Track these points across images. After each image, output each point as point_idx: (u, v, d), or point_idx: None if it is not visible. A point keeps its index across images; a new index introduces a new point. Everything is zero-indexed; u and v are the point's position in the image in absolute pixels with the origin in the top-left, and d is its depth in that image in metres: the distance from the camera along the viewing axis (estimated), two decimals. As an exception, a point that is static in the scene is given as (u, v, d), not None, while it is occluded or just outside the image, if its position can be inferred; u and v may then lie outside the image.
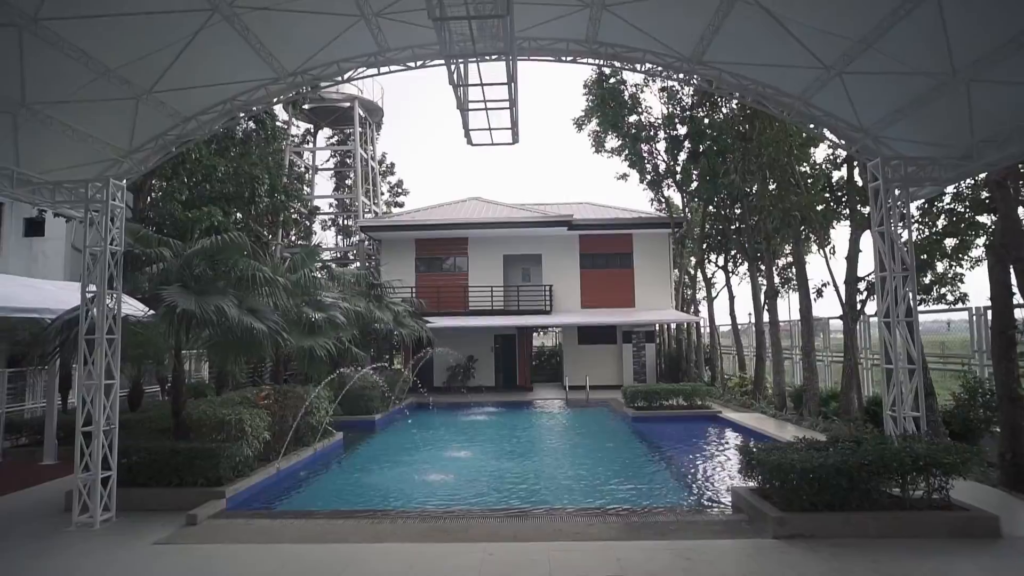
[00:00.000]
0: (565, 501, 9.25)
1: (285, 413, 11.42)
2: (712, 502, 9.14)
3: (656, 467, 11.74)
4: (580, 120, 26.18)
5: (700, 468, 11.57)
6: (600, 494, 9.65)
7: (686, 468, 11.59)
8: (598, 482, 10.41)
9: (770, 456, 7.51)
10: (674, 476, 10.93)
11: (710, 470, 11.41)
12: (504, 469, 11.52)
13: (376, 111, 32.34)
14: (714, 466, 11.82)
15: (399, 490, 10.19)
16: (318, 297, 13.65)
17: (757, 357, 18.74)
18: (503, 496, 9.62)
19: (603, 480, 10.53)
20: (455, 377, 26.42)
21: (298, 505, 9.43)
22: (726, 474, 11.08)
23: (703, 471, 11.28)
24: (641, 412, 17.43)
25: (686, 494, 9.68)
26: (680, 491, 9.89)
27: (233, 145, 22.90)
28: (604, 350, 27.00)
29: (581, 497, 9.49)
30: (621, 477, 10.79)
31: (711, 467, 11.73)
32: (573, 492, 9.79)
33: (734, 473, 11.06)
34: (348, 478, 11.36)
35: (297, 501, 9.66)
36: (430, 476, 11.03)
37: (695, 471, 11.29)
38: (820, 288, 15.46)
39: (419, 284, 26.70)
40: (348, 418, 16.48)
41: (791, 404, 16.08)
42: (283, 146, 26.84)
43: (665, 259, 26.95)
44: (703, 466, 11.76)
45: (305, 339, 12.41)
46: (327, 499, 10.01)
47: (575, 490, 9.92)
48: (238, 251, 10.04)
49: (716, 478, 10.72)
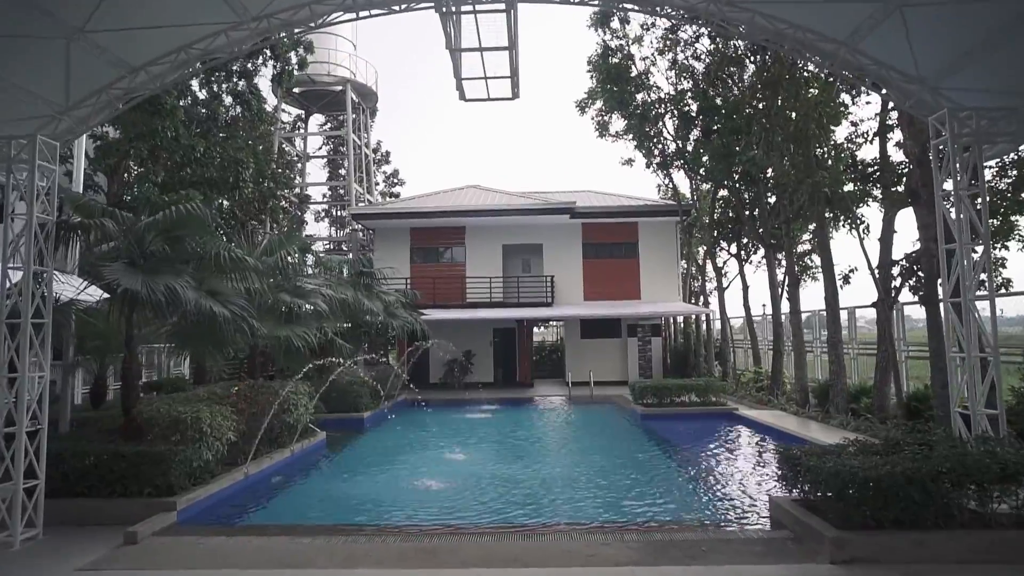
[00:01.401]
0: (573, 514, 7.99)
1: (257, 410, 10.15)
2: (745, 515, 7.88)
3: (674, 472, 10.49)
4: (583, 102, 24.85)
5: (725, 473, 10.31)
6: (613, 505, 8.40)
7: (708, 473, 10.34)
8: (610, 490, 9.15)
9: (823, 462, 6.25)
10: (696, 482, 9.68)
11: (737, 475, 10.15)
12: (502, 474, 10.27)
13: (370, 96, 30.98)
14: (740, 471, 10.56)
15: (382, 498, 8.94)
16: (297, 283, 12.38)
17: (775, 350, 17.48)
18: (501, 508, 8.36)
19: (616, 488, 9.27)
20: (452, 373, 25.15)
21: (266, 517, 8.18)
22: (755, 480, 9.83)
23: (729, 477, 10.02)
24: (651, 409, 16.18)
25: (713, 505, 8.42)
26: (705, 501, 8.62)
27: (217, 128, 21.61)
28: (608, 344, 25.73)
29: (592, 509, 8.23)
30: (636, 484, 9.54)
31: (737, 472, 10.46)
32: (582, 502, 8.53)
33: (764, 479, 9.83)
34: (327, 484, 10.10)
35: (265, 512, 8.40)
36: (419, 482, 9.77)
37: (719, 477, 10.03)
38: (847, 274, 14.18)
39: (414, 275, 25.40)
40: (334, 416, 15.22)
41: (814, 400, 14.83)
42: (271, 130, 25.52)
43: (672, 248, 25.67)
44: (728, 471, 10.50)
45: (281, 328, 11.14)
46: (300, 509, 8.76)
47: (584, 500, 8.66)
48: (199, 225, 8.77)
49: (745, 485, 9.46)
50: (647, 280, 25.49)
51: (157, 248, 8.70)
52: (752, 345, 20.41)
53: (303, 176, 32.63)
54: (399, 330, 17.31)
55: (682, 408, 16.21)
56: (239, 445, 9.75)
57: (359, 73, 29.37)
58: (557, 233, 25.72)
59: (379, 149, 38.26)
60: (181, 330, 9.56)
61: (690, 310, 24.64)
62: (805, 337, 16.82)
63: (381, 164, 38.40)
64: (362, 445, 13.47)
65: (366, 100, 31.27)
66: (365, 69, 29.93)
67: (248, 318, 9.00)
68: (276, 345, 11.53)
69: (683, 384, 16.57)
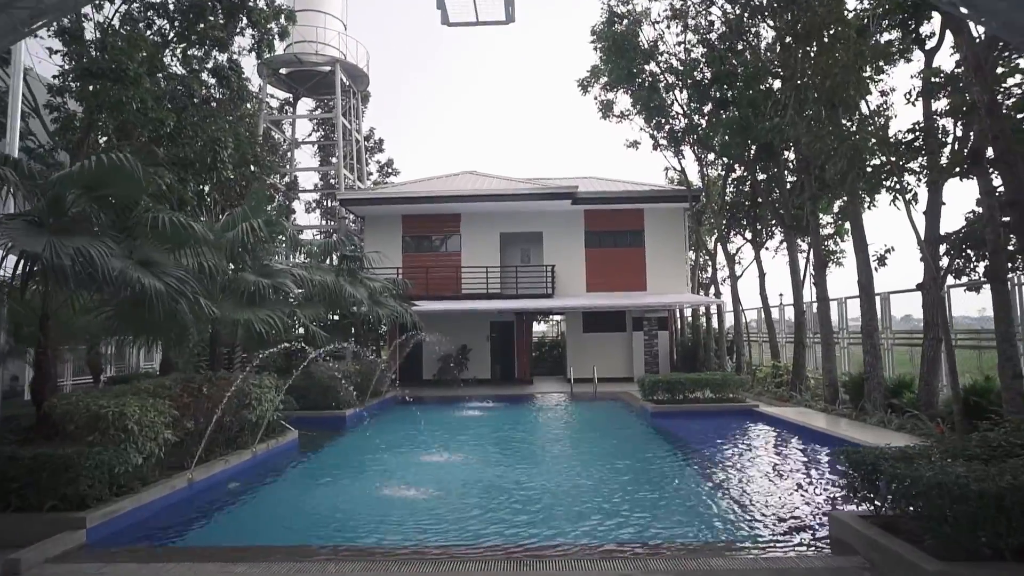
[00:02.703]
0: (581, 532, 6.50)
1: (209, 405, 8.65)
2: (794, 533, 6.38)
3: (697, 478, 8.98)
4: (586, 81, 23.42)
5: (759, 481, 8.79)
6: (630, 521, 6.91)
7: (739, 481, 8.83)
8: (624, 502, 7.66)
9: (915, 470, 4.76)
10: (725, 492, 8.17)
11: (774, 484, 8.62)
12: (497, 483, 8.78)
13: (361, 78, 29.43)
14: (778, 478, 9.05)
15: (353, 511, 7.44)
16: (264, 263, 10.88)
17: (796, 342, 15.98)
18: (495, 524, 6.88)
19: (631, 499, 7.78)
20: (446, 369, 23.65)
21: (207, 535, 6.68)
22: (796, 490, 8.34)
23: (765, 485, 8.49)
24: (662, 406, 14.70)
25: (752, 521, 6.92)
26: (742, 516, 7.12)
27: (193, 105, 20.09)
28: (612, 339, 24.25)
29: (604, 526, 6.73)
30: (655, 494, 8.04)
31: (773, 479, 8.94)
32: (592, 518, 7.04)
33: (807, 488, 8.36)
34: (290, 492, 8.61)
35: (208, 529, 6.91)
36: (400, 492, 8.28)
37: (753, 485, 8.50)
38: (883, 254, 12.67)
39: (406, 265, 23.89)
40: (312, 414, 13.76)
41: (845, 396, 13.34)
42: (254, 110, 23.99)
43: (680, 237, 24.17)
44: (762, 478, 8.97)
45: (241, 311, 9.64)
46: (253, 524, 7.27)
47: (595, 515, 7.17)
48: (129, 183, 7.28)
49: (786, 496, 7.95)
50: (653, 270, 24.00)
51: (82, 210, 7.23)
52: (770, 337, 18.90)
53: (291, 163, 31.12)
54: (387, 321, 15.80)
55: (696, 405, 14.74)
56: (186, 446, 8.29)
57: (349, 53, 27.85)
58: (558, 221, 24.24)
59: (372, 137, 36.70)
60: (122, 312, 8.11)
61: (701, 301, 23.15)
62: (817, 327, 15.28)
63: (374, 152, 36.84)
64: (340, 446, 11.97)
65: (357, 83, 29.74)
66: (356, 49, 28.45)
67: (192, 295, 7.50)
68: (240, 331, 10.05)
69: (698, 379, 15.07)
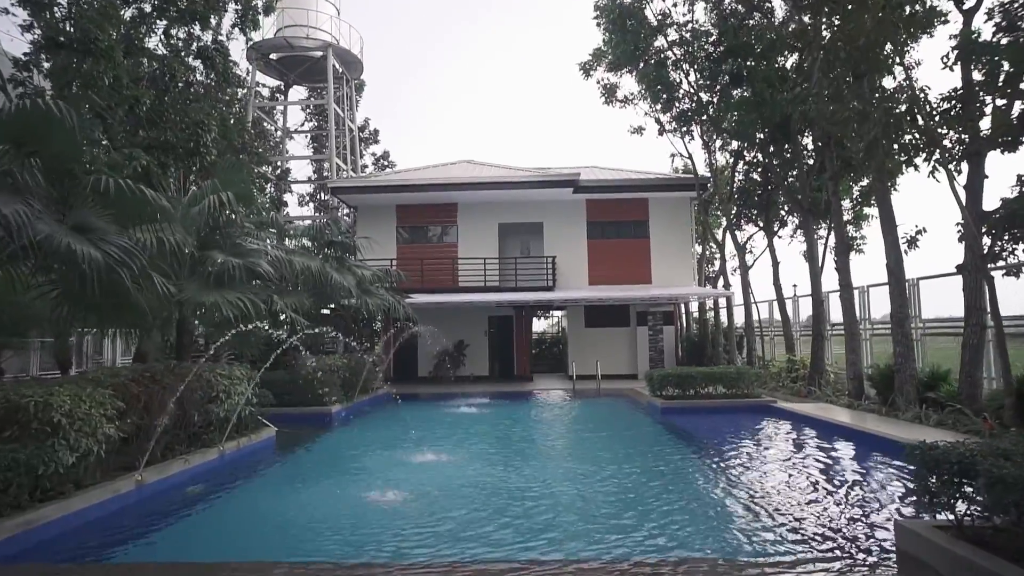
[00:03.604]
0: (596, 546, 5.47)
1: (169, 398, 7.62)
2: (848, 547, 5.34)
3: (721, 481, 7.95)
4: (588, 64, 22.39)
5: (792, 485, 7.73)
6: (652, 532, 5.87)
7: (770, 485, 7.79)
8: (644, 510, 6.63)
9: None
10: (757, 498, 7.12)
11: (811, 489, 7.57)
12: (496, 485, 7.75)
13: (354, 65, 28.38)
14: (813, 482, 8.00)
15: (326, 518, 6.41)
16: (237, 241, 9.85)
17: (815, 334, 14.94)
18: (493, 535, 5.85)
19: (651, 506, 6.75)
20: (442, 366, 22.62)
21: (148, 549, 5.64)
22: (834, 493, 7.31)
23: (801, 491, 7.43)
24: (672, 402, 13.67)
25: (793, 531, 5.88)
26: (781, 526, 6.08)
27: (175, 87, 19.03)
28: (615, 334, 23.24)
29: (624, 538, 5.70)
30: (678, 501, 7.00)
31: (809, 483, 7.89)
32: (608, 529, 6.01)
33: (848, 493, 7.32)
34: (258, 497, 7.56)
35: (156, 541, 5.87)
36: (384, 496, 7.24)
37: (788, 491, 7.45)
38: (915, 235, 11.61)
39: (401, 257, 22.85)
40: (295, 410, 12.77)
41: (872, 391, 12.30)
42: (241, 96, 22.94)
43: (687, 227, 23.15)
44: (795, 482, 7.93)
45: (208, 293, 8.59)
46: (208, 535, 6.23)
47: (607, 525, 6.14)
48: (66, 139, 6.24)
49: (830, 503, 6.91)
50: (659, 263, 22.98)
51: (7, 169, 6.19)
52: (784, 330, 17.85)
53: (283, 153, 30.07)
54: (377, 311, 14.76)
55: (709, 401, 13.71)
56: (137, 443, 7.26)
57: (342, 38, 26.81)
58: (559, 210, 23.22)
59: (366, 127, 35.60)
60: (69, 292, 7.09)
61: (709, 293, 22.15)
62: (837, 318, 14.27)
63: (369, 144, 35.71)
64: (323, 445, 10.93)
65: (350, 70, 28.71)
66: (349, 34, 27.39)
67: (140, 268, 6.46)
68: (214, 315, 9.00)
69: (711, 373, 14.02)
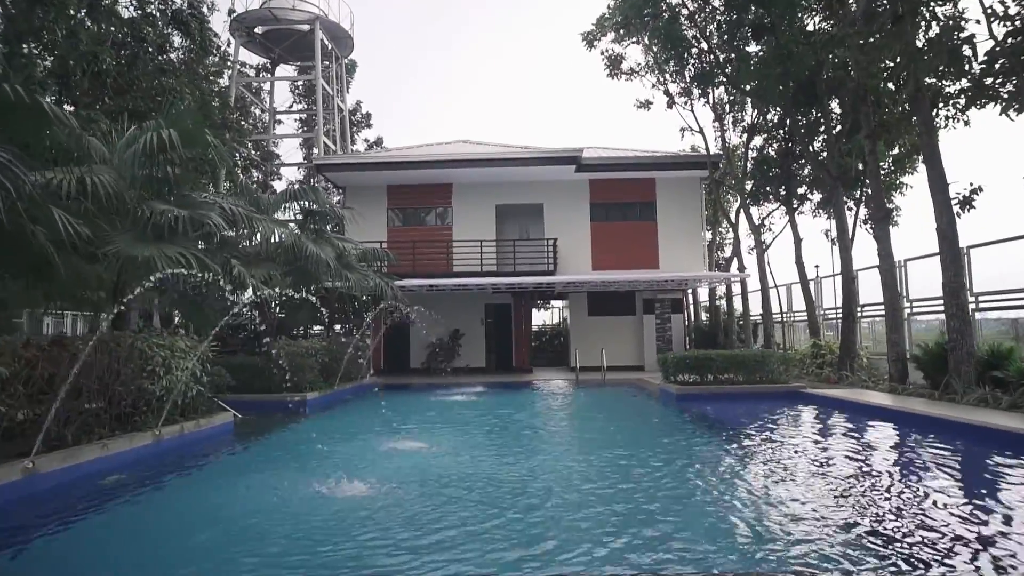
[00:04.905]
0: (616, 554, 4.01)
1: (91, 371, 6.14)
2: (979, 562, 3.89)
3: (772, 482, 6.46)
4: (592, 34, 21.03)
5: (868, 484, 6.26)
6: (683, 537, 4.42)
7: (840, 486, 6.32)
8: (683, 519, 5.17)
9: None
10: (837, 503, 5.66)
11: (897, 489, 6.10)
12: (487, 482, 6.29)
13: (344, 41, 26.90)
14: (892, 480, 6.53)
15: (271, 518, 4.94)
16: (185, 192, 8.37)
17: (845, 314, 13.48)
18: (483, 545, 4.39)
19: (671, 506, 5.29)
20: (435, 356, 21.14)
21: (24, 562, 4.19)
22: (934, 494, 5.85)
23: (885, 492, 5.96)
24: (689, 388, 12.22)
25: (901, 543, 4.43)
26: (881, 536, 4.63)
27: (147, 54, 17.56)
28: (620, 323, 21.74)
29: (642, 547, 4.25)
30: (706, 501, 5.54)
31: (885, 481, 6.43)
32: (622, 534, 4.56)
33: (963, 496, 5.86)
34: (193, 493, 6.09)
35: (28, 550, 4.41)
36: (348, 490, 5.77)
37: (869, 492, 5.98)
38: (969, 195, 10.14)
39: (391, 241, 21.31)
40: (265, 397, 11.32)
41: (919, 373, 10.84)
42: (221, 67, 21.46)
43: (697, 209, 21.66)
44: (870, 481, 6.45)
45: (143, 246, 7.12)
46: (107, 543, 4.76)
47: (627, 528, 4.68)
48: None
49: (939, 508, 5.46)
50: (666, 247, 21.48)
51: None
52: (808, 312, 16.36)
53: (269, 132, 28.59)
54: (359, 288, 13.28)
55: (730, 387, 12.24)
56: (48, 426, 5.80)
57: (331, 11, 25.38)
58: (561, 191, 21.73)
59: (358, 111, 34.05)
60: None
61: (723, 276, 20.69)
62: (872, 299, 12.85)
63: (361, 128, 34.18)
64: (290, 434, 9.43)
65: (340, 46, 27.24)
66: (338, 8, 25.95)
67: (16, 185, 5.00)
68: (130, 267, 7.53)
69: (732, 356, 12.55)
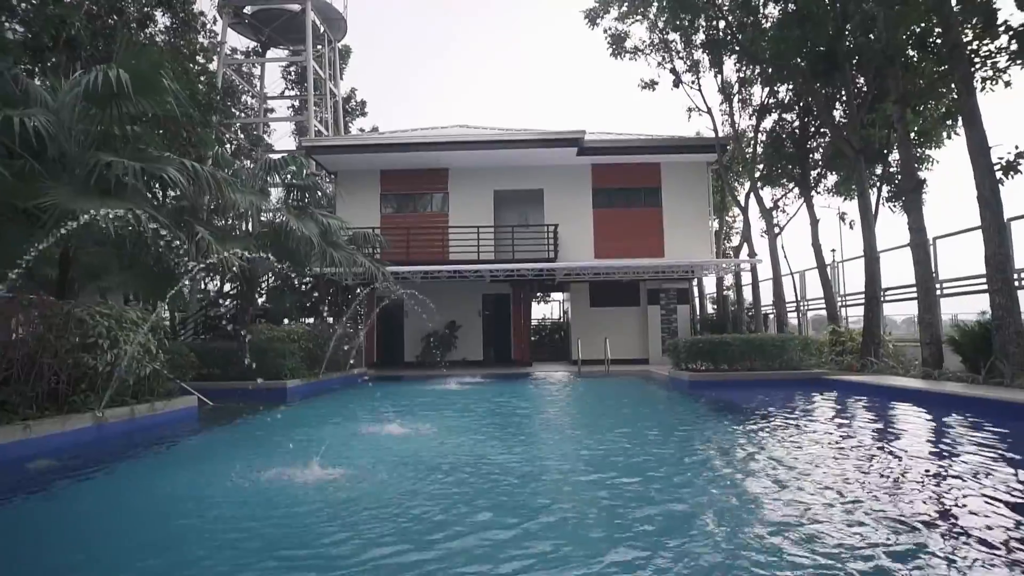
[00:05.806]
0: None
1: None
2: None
3: (833, 482, 5.52)
4: (594, 12, 20.15)
5: (955, 484, 5.32)
6: (727, 548, 3.47)
7: (894, 469, 5.38)
8: (698, 520, 4.23)
9: None
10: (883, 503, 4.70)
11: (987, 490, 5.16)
12: (482, 476, 5.34)
13: (337, 23, 25.97)
14: (971, 478, 5.58)
15: (230, 518, 4.00)
16: (140, 148, 7.42)
17: (868, 297, 12.55)
18: (476, 550, 3.44)
19: (705, 510, 4.35)
20: (430, 349, 20.18)
21: None
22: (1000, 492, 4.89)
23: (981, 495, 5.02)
24: (702, 376, 11.28)
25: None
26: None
27: (124, 27, 16.60)
28: (624, 315, 20.79)
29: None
30: (750, 504, 4.59)
31: (961, 479, 5.48)
32: (643, 547, 3.61)
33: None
34: (133, 483, 5.13)
35: None
36: (297, 486, 4.83)
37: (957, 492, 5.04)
38: (1014, 159, 9.21)
39: (384, 227, 20.34)
40: (240, 384, 10.35)
41: (957, 357, 9.91)
42: (208, 45, 20.52)
43: (703, 195, 20.74)
44: (947, 480, 5.51)
45: (85, 199, 6.16)
46: (29, 537, 3.81)
47: (647, 535, 3.74)
48: None
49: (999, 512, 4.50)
50: (672, 234, 20.54)
51: None
52: (826, 297, 15.42)
53: (260, 115, 27.62)
54: (343, 267, 12.33)
55: (747, 374, 11.30)
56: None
57: (323, -9, 24.43)
58: (562, 176, 20.78)
59: (352, 98, 33.03)
60: None
61: (733, 262, 19.76)
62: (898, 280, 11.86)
63: (355, 116, 33.17)
64: (261, 422, 8.45)
65: (333, 29, 26.30)
66: (330, -14, 24.99)
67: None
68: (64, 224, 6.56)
69: (749, 340, 11.61)
